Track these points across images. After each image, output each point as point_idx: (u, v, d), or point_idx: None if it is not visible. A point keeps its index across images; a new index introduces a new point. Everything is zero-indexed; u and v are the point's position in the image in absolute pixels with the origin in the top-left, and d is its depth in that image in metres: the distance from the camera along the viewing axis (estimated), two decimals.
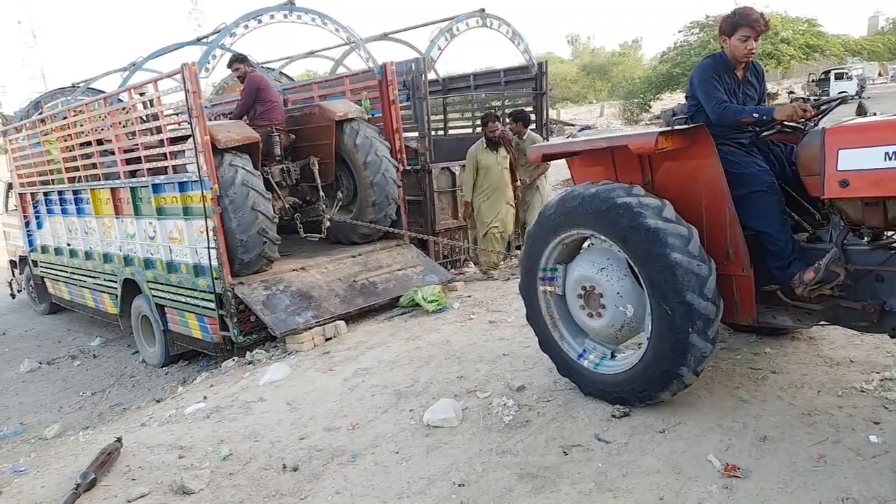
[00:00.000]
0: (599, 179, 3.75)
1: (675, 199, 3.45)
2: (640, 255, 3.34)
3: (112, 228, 7.64)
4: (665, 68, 38.95)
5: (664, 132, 3.34)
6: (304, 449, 3.78)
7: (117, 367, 7.78)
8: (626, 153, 3.57)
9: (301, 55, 10.68)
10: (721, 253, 3.42)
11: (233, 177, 6.07)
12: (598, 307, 3.68)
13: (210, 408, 4.72)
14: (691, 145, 3.44)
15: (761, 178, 3.36)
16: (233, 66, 7.08)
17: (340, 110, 7.13)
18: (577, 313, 3.84)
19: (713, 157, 3.39)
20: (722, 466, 2.98)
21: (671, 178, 3.59)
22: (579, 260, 3.83)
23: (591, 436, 3.44)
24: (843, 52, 36.72)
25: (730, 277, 3.44)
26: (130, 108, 6.87)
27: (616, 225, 3.42)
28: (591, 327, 3.78)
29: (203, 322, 6.53)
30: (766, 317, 3.49)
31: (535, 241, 3.95)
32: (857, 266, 3.14)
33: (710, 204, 3.44)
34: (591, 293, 3.70)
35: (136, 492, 3.46)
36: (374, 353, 5.36)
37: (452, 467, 3.33)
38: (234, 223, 6.07)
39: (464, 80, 10.96)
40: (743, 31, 3.45)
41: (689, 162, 3.49)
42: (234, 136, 6.20)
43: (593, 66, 58.97)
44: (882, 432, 3.10)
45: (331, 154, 7.21)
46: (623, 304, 3.58)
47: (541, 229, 3.91)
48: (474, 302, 6.46)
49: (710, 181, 3.41)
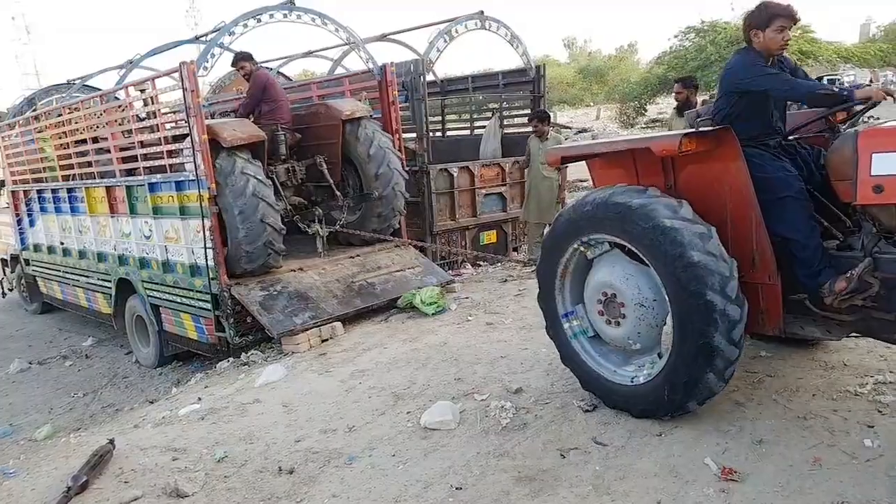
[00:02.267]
0: (620, 182, 3.64)
1: (698, 204, 3.33)
2: (659, 256, 3.23)
3: (107, 227, 7.60)
4: (660, 72, 39.08)
5: (689, 134, 3.25)
6: (300, 451, 3.76)
7: (110, 368, 7.74)
8: (648, 155, 3.46)
9: (299, 55, 10.66)
10: (747, 260, 3.29)
11: (244, 186, 5.96)
12: (619, 315, 3.56)
13: (205, 409, 4.70)
14: (716, 148, 3.31)
15: (789, 183, 3.24)
16: (238, 64, 6.98)
17: (347, 109, 7.06)
18: (597, 321, 3.72)
19: (739, 160, 3.26)
20: (719, 470, 2.98)
21: (695, 181, 3.46)
22: (597, 267, 3.70)
23: (589, 439, 3.43)
24: (835, 59, 36.95)
25: (756, 286, 3.31)
26: (127, 105, 6.84)
27: (633, 227, 3.31)
28: (611, 336, 3.66)
29: (199, 322, 6.50)
30: (794, 327, 3.38)
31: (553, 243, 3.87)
32: (890, 275, 2.99)
33: (735, 209, 3.32)
34: (612, 301, 3.57)
35: (129, 495, 3.43)
36: (371, 354, 5.35)
37: (450, 470, 3.32)
38: (242, 234, 5.99)
39: (462, 81, 10.97)
40: (779, 22, 3.33)
41: (713, 165, 3.37)
42: (239, 135, 6.10)
43: (590, 69, 59.05)
44: (876, 436, 3.11)
45: (337, 154, 7.15)
46: (644, 311, 3.46)
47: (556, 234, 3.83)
48: (472, 303, 6.46)
49: (736, 185, 3.29)
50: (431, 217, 8.16)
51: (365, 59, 7.67)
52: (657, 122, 39.38)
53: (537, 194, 7.89)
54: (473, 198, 8.53)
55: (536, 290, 3.99)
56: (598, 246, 3.65)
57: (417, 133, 8.12)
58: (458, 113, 11.30)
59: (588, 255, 3.71)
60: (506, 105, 10.33)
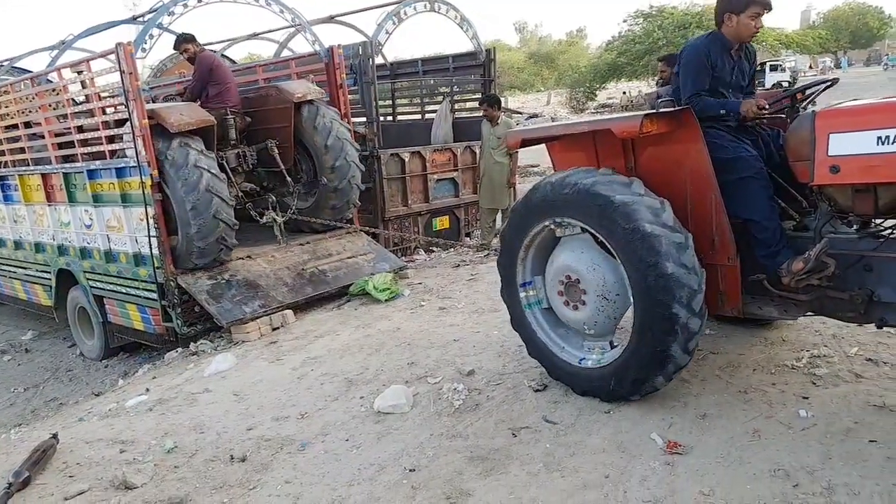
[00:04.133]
0: (580, 165, 3.60)
1: (658, 186, 3.30)
2: (615, 235, 3.22)
3: (44, 216, 7.32)
4: (610, 58, 39.66)
5: (649, 115, 3.20)
6: (252, 439, 3.72)
7: (52, 362, 7.49)
8: (608, 138, 3.43)
9: (244, 37, 10.41)
10: (706, 242, 3.29)
11: (197, 181, 5.74)
12: (579, 300, 3.54)
13: (153, 400, 4.60)
14: (677, 129, 3.28)
15: (749, 164, 3.24)
16: (181, 46, 6.70)
17: (299, 91, 6.86)
18: (554, 299, 3.70)
19: (699, 141, 3.24)
20: (664, 444, 3.07)
21: (655, 163, 3.44)
22: (564, 248, 3.65)
23: (540, 417, 3.50)
24: (777, 45, 38.16)
25: (715, 267, 3.32)
26: (61, 89, 6.57)
27: (587, 207, 3.30)
28: (568, 317, 3.66)
29: (145, 313, 6.34)
30: (752, 308, 3.40)
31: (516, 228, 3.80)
32: (845, 254, 3.03)
33: (695, 191, 3.31)
34: (574, 285, 3.53)
35: (75, 489, 3.34)
36: (323, 341, 5.31)
37: (403, 453, 3.34)
38: (194, 229, 5.79)
39: (412, 65, 10.91)
40: (755, 9, 3.33)
41: (674, 147, 3.35)
42: (187, 120, 5.84)
43: (540, 54, 59.49)
44: (810, 406, 3.25)
45: (289, 138, 6.94)
46: (606, 303, 3.44)
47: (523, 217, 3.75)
48: (425, 289, 6.47)
49: (696, 167, 3.28)
50: (383, 203, 8.13)
51: (311, 42, 7.54)
52: (606, 108, 39.98)
53: (489, 179, 7.93)
54: (425, 183, 8.53)
55: (489, 275, 4.03)
56: (569, 227, 3.59)
57: (367, 117, 8.06)
58: (409, 97, 11.24)
59: (557, 233, 3.67)
60: (457, 89, 10.32)
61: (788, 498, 2.58)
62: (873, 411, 3.14)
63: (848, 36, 60.78)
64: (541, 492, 2.87)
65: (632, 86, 42.30)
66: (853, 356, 3.76)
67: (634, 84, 42.09)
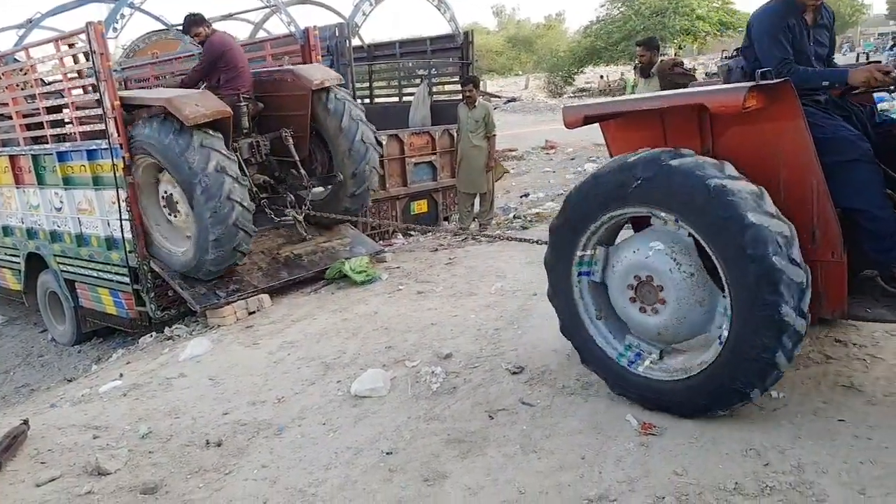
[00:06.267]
0: (644, 146, 3.10)
1: (744, 170, 2.87)
2: (708, 225, 2.79)
3: (12, 199, 7.16)
4: (588, 42, 39.67)
5: (754, 87, 2.76)
6: (228, 424, 3.70)
7: (23, 347, 7.37)
8: (680, 115, 3.04)
9: (218, 18, 10.19)
10: (805, 235, 2.83)
11: (219, 188, 5.37)
12: (657, 293, 3.05)
13: (127, 385, 4.54)
14: (770, 105, 2.82)
15: (854, 145, 2.81)
16: (190, 30, 6.21)
17: (317, 77, 6.37)
18: (640, 319, 3.17)
19: (798, 118, 2.79)
20: (639, 425, 3.11)
21: (740, 144, 2.98)
22: (626, 246, 3.19)
23: (516, 400, 3.52)
24: None
25: (815, 264, 2.84)
26: (29, 69, 6.40)
27: (674, 194, 2.86)
28: (645, 325, 3.17)
29: (117, 297, 6.26)
30: (858, 310, 2.96)
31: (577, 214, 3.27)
32: None
33: (791, 176, 2.88)
34: (644, 284, 3.09)
35: (46, 475, 3.30)
36: (299, 325, 5.28)
37: (380, 436, 3.34)
38: (212, 237, 5.48)
39: (389, 47, 10.82)
40: None
41: (765, 125, 2.89)
42: (202, 111, 5.40)
43: (518, 38, 59.28)
44: (781, 387, 3.30)
45: (305, 126, 6.49)
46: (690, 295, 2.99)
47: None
48: (403, 273, 6.45)
49: (793, 148, 2.84)
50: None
51: (286, 23, 7.41)
52: (585, 92, 40.08)
53: (468, 163, 7.90)
54: (403, 167, 8.48)
55: (467, 259, 4.00)
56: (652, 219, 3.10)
57: None
58: (387, 80, 11.14)
59: (628, 225, 3.23)
60: (434, 72, 10.25)
61: (760, 476, 2.63)
62: (842, 391, 3.20)
63: None
64: (518, 473, 2.89)
65: (609, 70, 42.41)
66: (823, 338, 3.83)
67: (612, 69, 42.19)
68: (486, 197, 8.19)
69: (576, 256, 3.27)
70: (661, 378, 3.14)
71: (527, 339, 4.28)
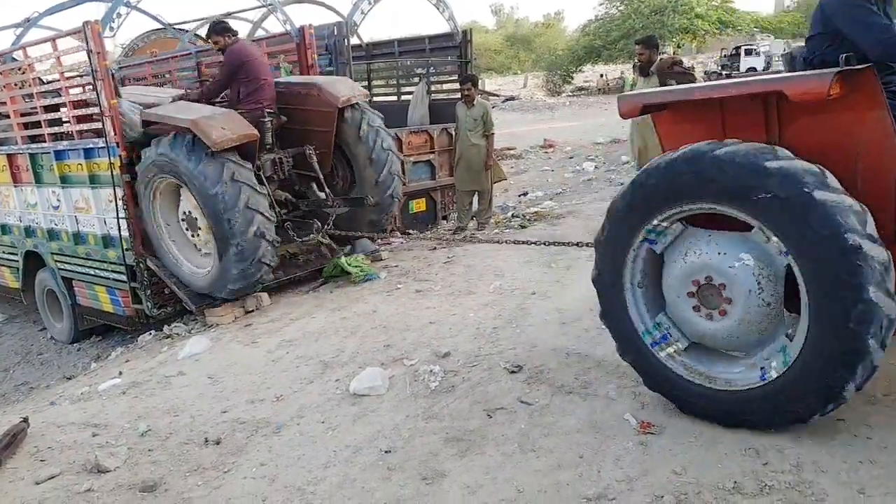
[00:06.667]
0: (700, 139, 2.89)
1: (816, 161, 2.67)
2: (800, 237, 2.57)
3: (10, 198, 7.17)
4: (586, 41, 39.69)
5: (839, 73, 2.56)
6: (227, 422, 3.70)
7: (23, 345, 7.36)
8: (742, 104, 2.87)
9: (217, 17, 10.19)
10: (888, 229, 2.66)
11: (235, 197, 5.22)
12: (722, 303, 2.85)
13: (126, 383, 4.54)
14: (850, 93, 2.63)
15: None
16: (210, 38, 6.01)
17: (343, 94, 6.16)
18: (687, 315, 2.99)
19: (881, 108, 2.62)
20: (638, 424, 3.11)
21: (812, 135, 2.78)
22: (712, 241, 2.95)
23: (515, 399, 3.52)
24: (752, 29, 38.49)
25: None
26: (27, 68, 6.39)
27: (744, 188, 2.64)
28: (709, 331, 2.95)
29: (114, 295, 6.27)
30: None
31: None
32: None
33: (871, 169, 2.69)
34: (711, 287, 2.88)
35: (46, 473, 3.29)
36: (298, 324, 5.28)
37: (379, 434, 3.34)
38: (233, 251, 5.35)
39: (388, 46, 10.81)
40: None
41: (841, 115, 2.72)
42: (229, 135, 5.23)
43: (517, 36, 59.29)
44: None
45: (329, 142, 6.28)
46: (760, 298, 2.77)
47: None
48: (401, 271, 6.45)
49: (876, 140, 2.67)
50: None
51: (282, 21, 7.41)
52: (583, 90, 40.09)
53: (466, 161, 7.90)
54: (402, 166, 8.45)
55: (465, 258, 3.99)
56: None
57: None
58: (385, 78, 11.13)
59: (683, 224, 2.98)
60: (433, 71, 10.25)
61: (759, 475, 2.63)
62: None
63: None
64: (516, 472, 2.89)
65: (608, 69, 42.42)
66: None
67: (611, 67, 42.19)
68: (484, 196, 8.19)
69: (651, 224, 3.00)
70: (680, 373, 3.02)
71: (525, 338, 4.28)
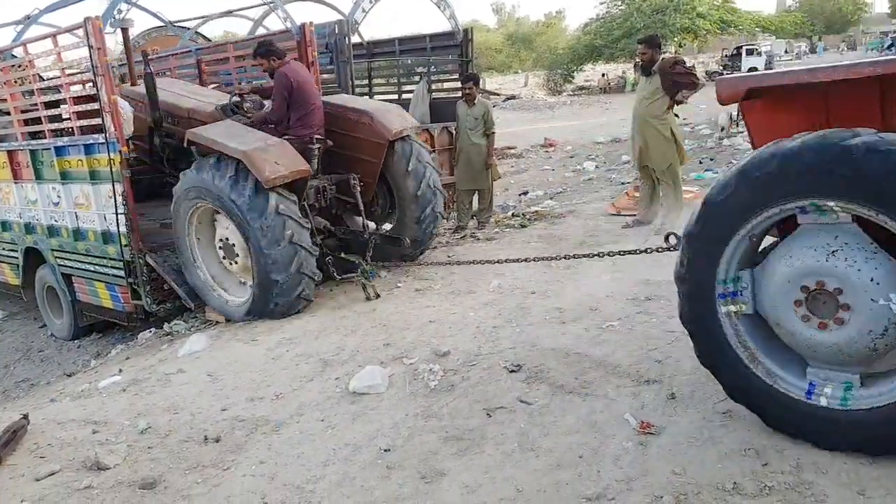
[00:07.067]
0: (796, 129, 2.60)
1: None
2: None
3: (10, 194, 7.15)
4: (588, 40, 39.66)
5: None
6: (227, 420, 3.70)
7: (23, 342, 7.36)
8: (855, 90, 2.67)
9: (217, 14, 10.19)
10: None
11: (280, 231, 5.07)
12: (837, 311, 2.55)
13: (126, 381, 4.54)
14: None
15: None
16: (257, 60, 5.84)
17: (396, 126, 5.98)
18: (796, 328, 2.67)
19: None
20: (637, 424, 3.11)
21: None
22: (783, 253, 2.68)
23: (514, 398, 3.52)
24: (754, 28, 38.46)
25: None
26: (27, 64, 6.39)
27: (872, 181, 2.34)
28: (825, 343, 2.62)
29: (114, 291, 6.26)
30: None
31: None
32: None
33: None
34: (822, 292, 2.58)
35: (46, 469, 3.29)
36: (298, 322, 5.28)
37: (378, 433, 3.34)
38: (275, 284, 5.20)
39: (389, 44, 10.80)
40: None
41: None
42: (282, 171, 5.07)
43: (518, 35, 59.28)
44: None
45: (375, 173, 6.13)
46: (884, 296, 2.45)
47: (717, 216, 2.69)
48: (401, 271, 6.45)
49: None
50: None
51: (283, 19, 7.41)
52: (584, 90, 40.06)
53: (467, 160, 7.90)
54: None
55: (465, 256, 3.98)
56: (825, 214, 2.53)
57: None
58: (386, 77, 11.13)
59: (799, 220, 2.62)
60: (434, 69, 10.24)
61: (759, 476, 2.63)
62: None
63: (822, 21, 61.54)
64: (515, 471, 2.89)
65: (610, 68, 42.39)
66: None
67: (612, 66, 42.17)
68: (484, 195, 8.19)
69: (723, 308, 2.82)
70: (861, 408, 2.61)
71: (525, 338, 4.28)
